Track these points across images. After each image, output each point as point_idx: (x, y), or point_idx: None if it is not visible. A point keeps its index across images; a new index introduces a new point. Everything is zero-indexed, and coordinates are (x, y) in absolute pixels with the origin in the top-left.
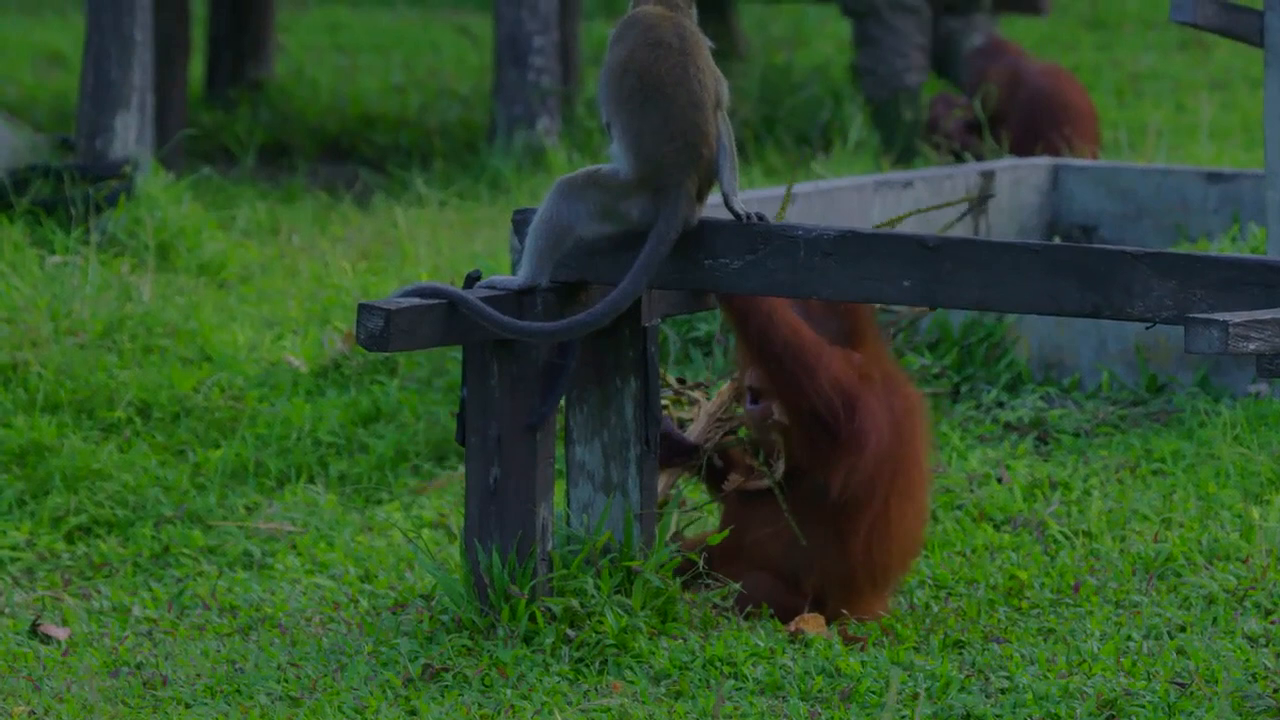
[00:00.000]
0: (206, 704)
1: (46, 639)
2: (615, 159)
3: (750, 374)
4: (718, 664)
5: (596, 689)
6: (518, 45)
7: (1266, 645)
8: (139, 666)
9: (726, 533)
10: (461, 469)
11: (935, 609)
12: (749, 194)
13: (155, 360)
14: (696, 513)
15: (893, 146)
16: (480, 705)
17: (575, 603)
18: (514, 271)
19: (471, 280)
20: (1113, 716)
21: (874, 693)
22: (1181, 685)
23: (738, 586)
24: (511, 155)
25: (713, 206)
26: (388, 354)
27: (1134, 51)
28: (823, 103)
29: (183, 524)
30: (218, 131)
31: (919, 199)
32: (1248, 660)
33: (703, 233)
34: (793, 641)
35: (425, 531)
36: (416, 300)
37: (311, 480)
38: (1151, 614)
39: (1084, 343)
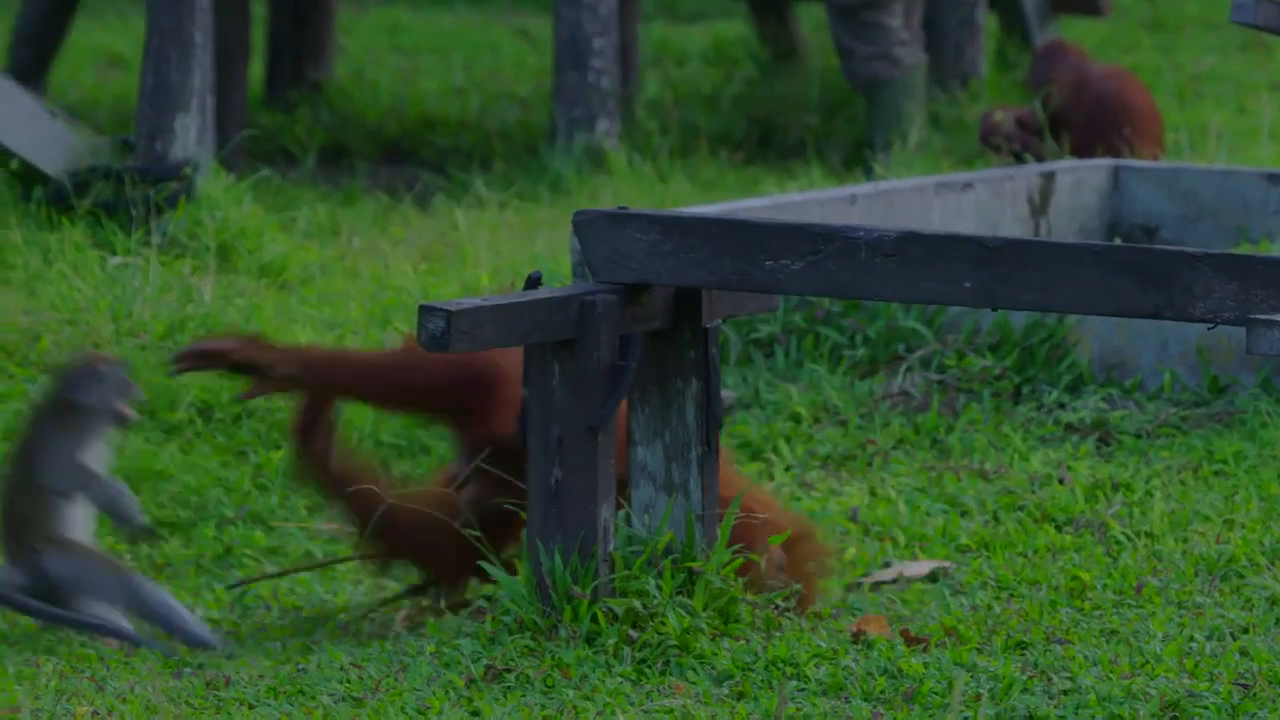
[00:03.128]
0: (269, 704)
1: (109, 643)
2: None
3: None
4: (780, 665)
5: (659, 690)
6: (577, 47)
7: None
8: (201, 667)
9: None
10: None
11: (997, 610)
12: (810, 195)
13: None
14: None
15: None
16: (543, 706)
17: (637, 603)
18: (574, 274)
19: (533, 282)
20: (1176, 718)
21: (936, 694)
22: (1245, 687)
23: (799, 588)
24: (571, 157)
25: (771, 208)
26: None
27: (1195, 53)
28: None
29: (245, 525)
30: (278, 133)
31: (979, 200)
32: None
33: (761, 235)
34: (855, 642)
35: None
36: (478, 301)
37: None
38: (1214, 615)
39: (1145, 344)
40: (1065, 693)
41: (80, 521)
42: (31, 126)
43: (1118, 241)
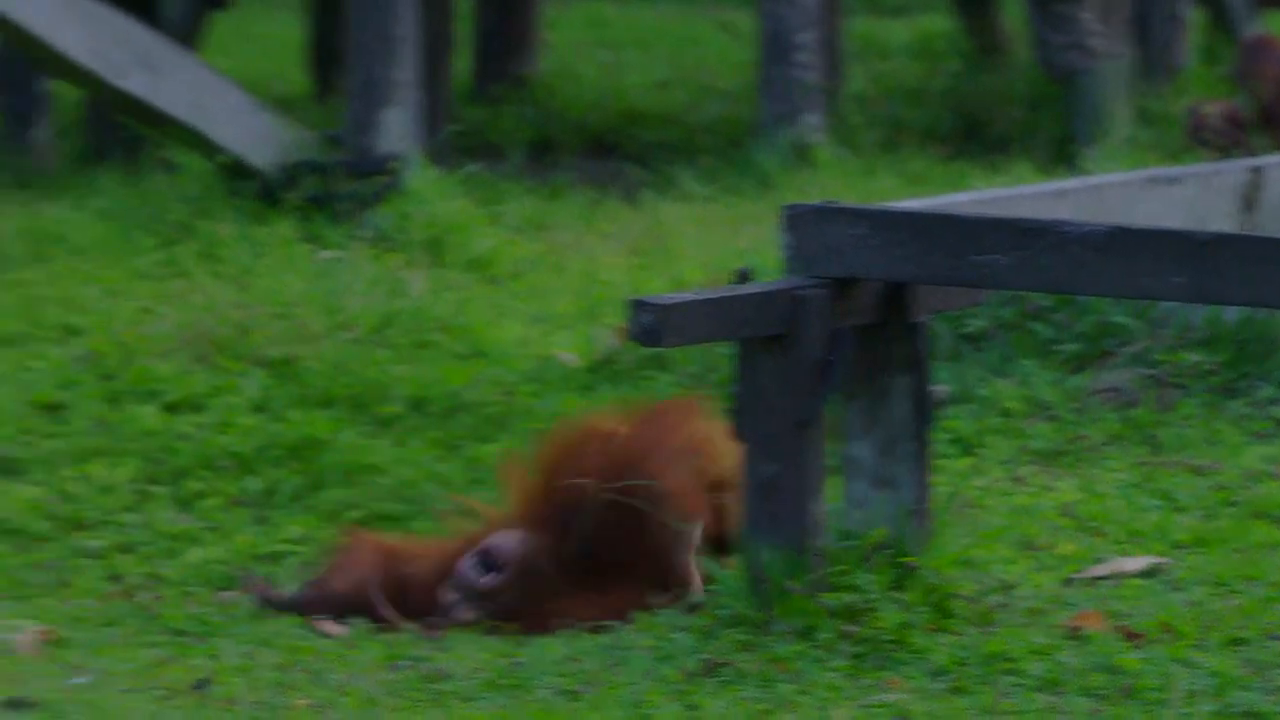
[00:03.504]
0: (486, 698)
1: (325, 635)
2: None
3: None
4: (996, 660)
5: (875, 685)
6: (782, 41)
7: None
8: (418, 660)
9: None
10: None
11: (1214, 606)
12: (1017, 190)
13: (427, 355)
14: None
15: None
16: (759, 700)
17: (852, 598)
18: (782, 268)
19: (743, 276)
20: None
21: (1154, 690)
22: None
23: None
24: (777, 151)
25: (978, 202)
26: (660, 349)
27: None
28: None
29: (458, 519)
30: (484, 128)
31: (1188, 195)
32: None
33: (970, 229)
34: (1071, 638)
35: None
36: (689, 296)
37: None
38: None
39: None
40: None
41: None
42: (241, 121)
43: None
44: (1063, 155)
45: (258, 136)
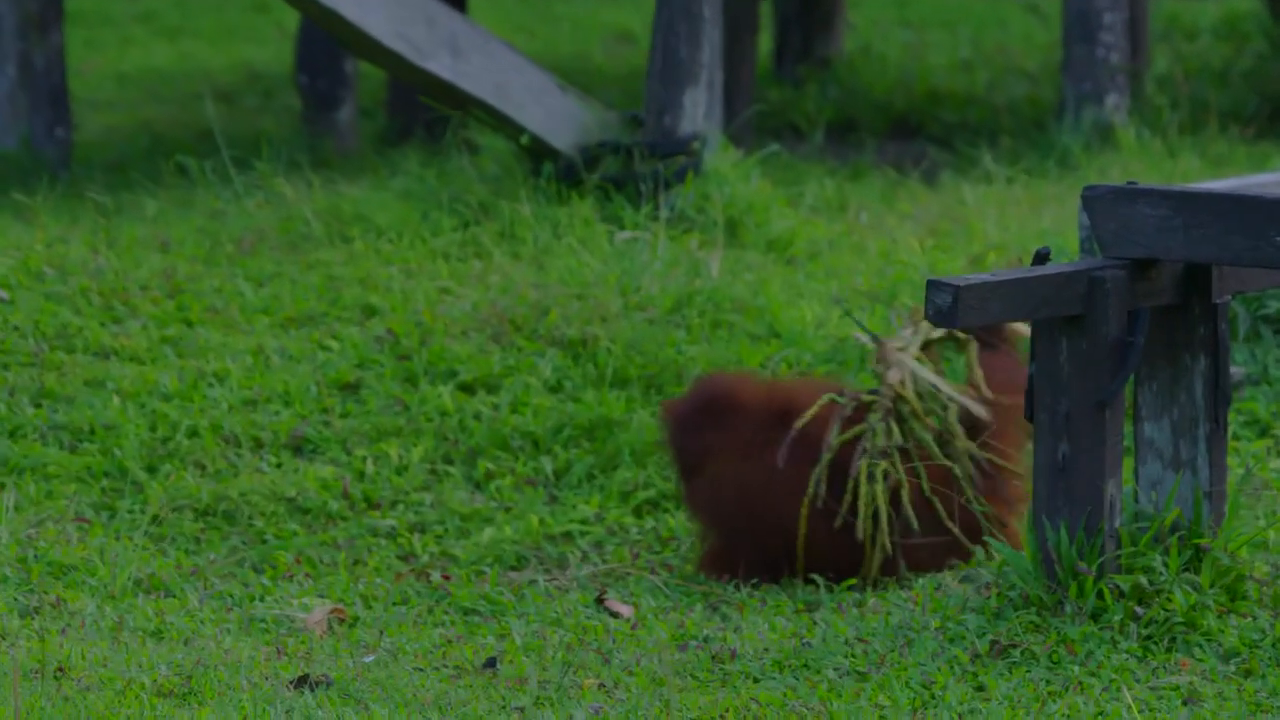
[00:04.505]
0: (774, 678)
1: (614, 615)
2: None
3: None
4: None
5: (1165, 667)
6: (1087, 21)
7: None
8: (707, 640)
9: None
10: (1029, 445)
11: None
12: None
13: (723, 336)
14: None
15: None
16: (1048, 682)
17: (1143, 580)
18: (1081, 249)
19: (1041, 257)
20: None
21: None
22: None
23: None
24: (1080, 132)
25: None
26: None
27: None
28: None
29: None
30: (785, 109)
31: None
32: None
33: (1272, 210)
34: None
35: None
36: (986, 276)
37: None
38: None
39: None
40: None
41: None
42: (543, 102)
43: None
44: None
45: (559, 117)
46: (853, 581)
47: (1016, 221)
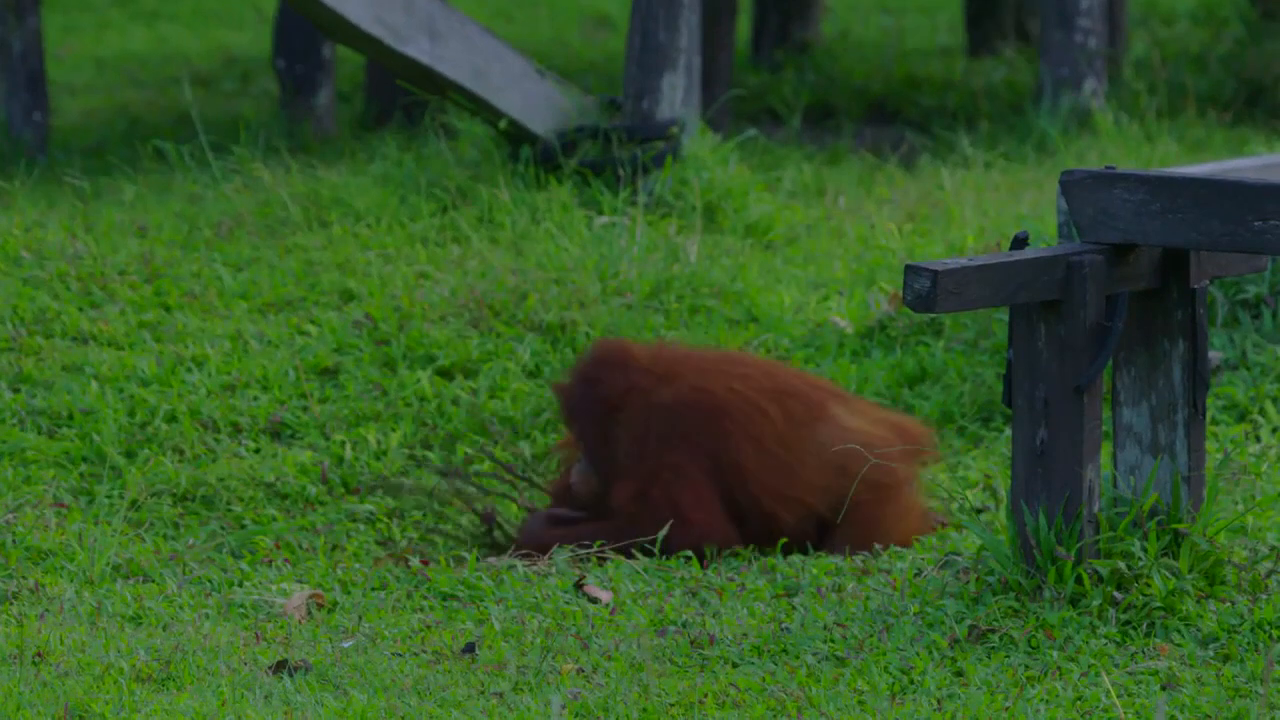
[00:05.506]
0: (753, 663)
1: (592, 600)
2: None
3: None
4: (1267, 627)
5: (1143, 651)
6: (1064, 6)
7: None
8: (685, 625)
9: None
10: (1007, 431)
11: None
12: None
13: (702, 320)
14: None
15: None
16: (1027, 667)
17: (1122, 565)
18: (1060, 234)
19: (1019, 242)
20: None
21: None
22: None
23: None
24: (1058, 117)
25: (1261, 168)
26: (934, 315)
27: None
28: None
29: None
30: (763, 93)
31: None
32: None
33: (1250, 195)
34: None
35: (969, 492)
36: (964, 261)
37: None
38: None
39: None
40: None
41: None
42: (521, 86)
43: None
44: None
45: (537, 102)
46: (830, 565)
47: (995, 206)
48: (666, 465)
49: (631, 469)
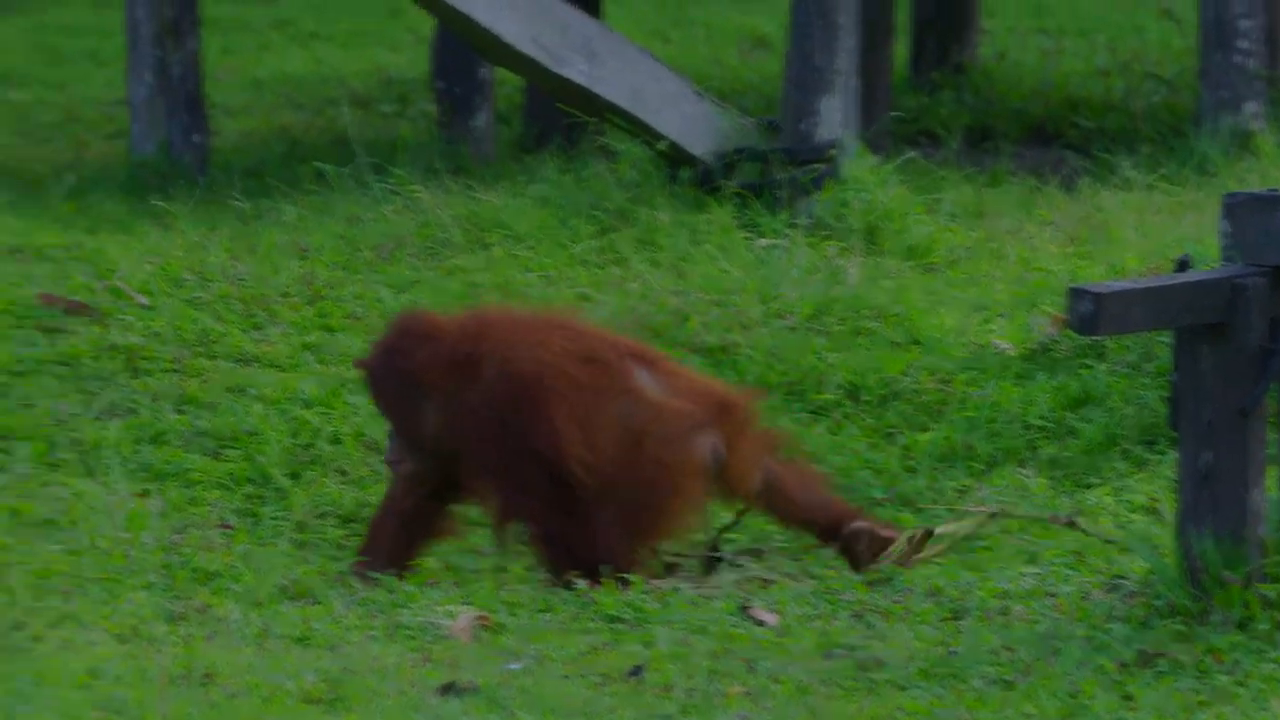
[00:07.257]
0: (920, 687)
1: (759, 623)
2: None
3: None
4: None
5: None
6: (1224, 28)
7: None
8: (852, 649)
9: None
10: (1171, 454)
11: None
12: None
13: (863, 343)
14: None
15: None
16: (1196, 691)
17: None
18: (1222, 256)
19: (1182, 265)
20: None
21: None
22: None
23: None
24: (1218, 139)
25: None
26: (1097, 338)
27: None
28: None
29: (893, 506)
30: (921, 115)
31: None
32: None
33: None
34: None
35: (1136, 516)
36: (1128, 284)
37: (1021, 464)
38: None
39: None
40: None
41: None
42: (679, 108)
43: None
44: None
45: (696, 123)
46: (998, 589)
47: (1155, 229)
48: (512, 484)
49: (475, 474)
